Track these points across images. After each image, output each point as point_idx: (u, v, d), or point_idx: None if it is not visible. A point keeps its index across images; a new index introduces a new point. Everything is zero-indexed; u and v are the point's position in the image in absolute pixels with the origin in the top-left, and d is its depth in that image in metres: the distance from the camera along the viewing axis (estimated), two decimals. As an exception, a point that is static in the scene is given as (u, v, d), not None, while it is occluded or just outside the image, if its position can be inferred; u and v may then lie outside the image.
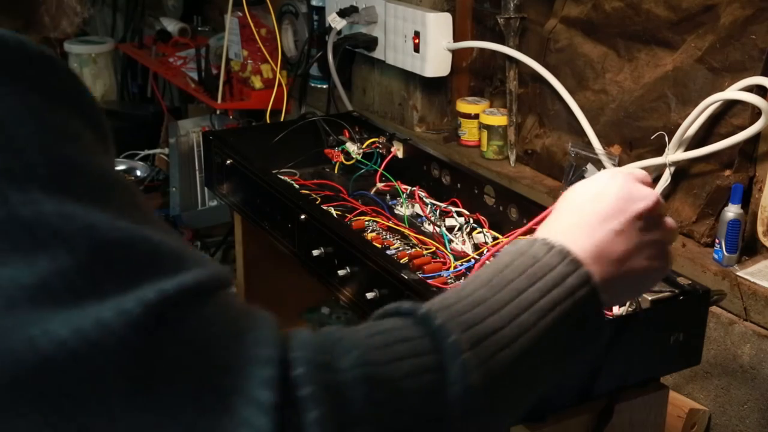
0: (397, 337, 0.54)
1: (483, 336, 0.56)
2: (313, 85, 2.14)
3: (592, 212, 0.68)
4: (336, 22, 1.81)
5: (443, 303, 0.59)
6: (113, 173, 0.49)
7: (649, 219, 0.69)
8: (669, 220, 0.73)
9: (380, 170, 1.43)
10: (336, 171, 1.50)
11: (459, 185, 1.32)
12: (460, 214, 1.27)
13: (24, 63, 0.46)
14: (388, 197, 1.38)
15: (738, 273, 1.18)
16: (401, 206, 1.34)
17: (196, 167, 2.20)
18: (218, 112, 2.25)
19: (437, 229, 1.24)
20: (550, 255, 0.63)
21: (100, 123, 0.50)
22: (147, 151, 2.50)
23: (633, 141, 1.38)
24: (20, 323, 0.42)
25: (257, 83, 2.16)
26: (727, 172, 1.24)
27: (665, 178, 1.29)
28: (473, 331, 0.56)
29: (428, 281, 1.03)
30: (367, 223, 1.27)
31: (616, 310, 0.95)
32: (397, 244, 1.21)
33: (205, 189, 2.09)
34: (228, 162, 1.40)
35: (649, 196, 0.70)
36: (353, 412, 0.48)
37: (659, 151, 1.30)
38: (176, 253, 0.47)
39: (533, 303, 0.60)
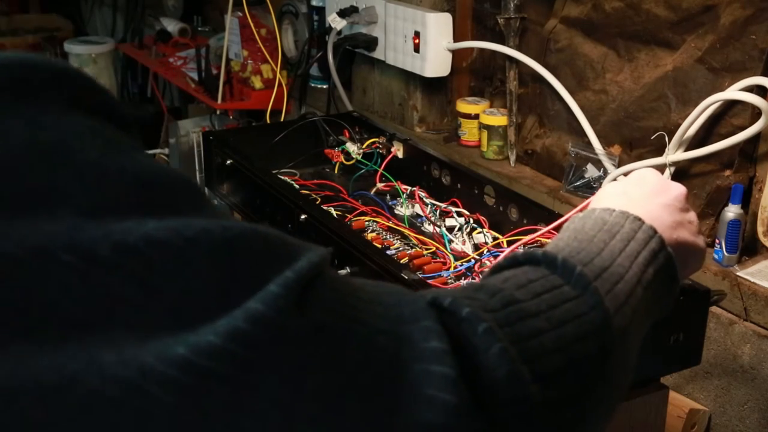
0: (529, 278, 0.56)
1: (598, 271, 0.59)
2: (313, 85, 2.14)
3: (637, 193, 0.74)
4: (336, 22, 1.81)
5: (555, 247, 0.62)
6: (185, 177, 0.46)
7: (685, 202, 0.75)
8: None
9: (380, 170, 1.43)
10: (336, 171, 1.50)
11: (459, 185, 1.32)
12: (460, 214, 1.27)
13: (58, 83, 0.44)
14: (388, 197, 1.38)
15: (738, 273, 1.18)
16: (401, 206, 1.34)
17: (196, 167, 2.20)
18: (218, 112, 2.25)
19: (437, 229, 1.24)
20: (615, 216, 0.67)
21: (134, 125, 0.48)
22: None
23: (633, 141, 1.38)
24: (163, 348, 0.38)
25: (257, 83, 2.16)
26: (727, 172, 1.24)
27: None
28: (589, 267, 0.59)
29: (428, 281, 1.03)
30: (367, 223, 1.27)
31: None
32: (397, 244, 1.21)
33: (205, 189, 2.09)
34: (228, 162, 1.40)
35: (680, 185, 0.77)
36: (523, 343, 0.50)
37: (659, 151, 1.30)
38: (283, 239, 0.45)
39: (621, 250, 0.63)
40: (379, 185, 1.41)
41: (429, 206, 1.30)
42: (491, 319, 0.49)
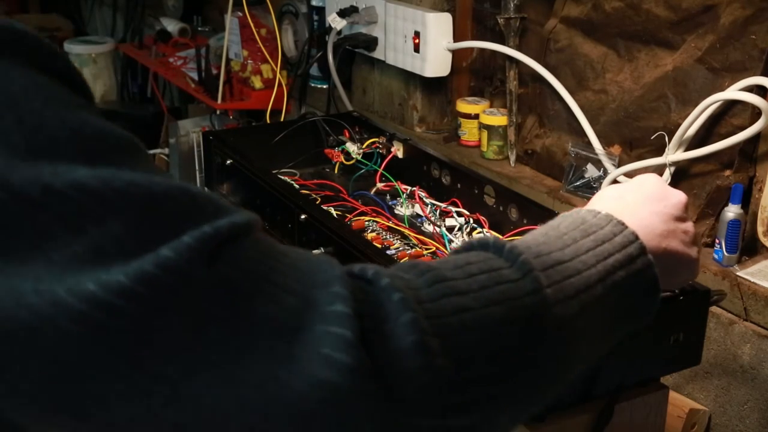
0: (469, 260, 0.57)
1: (551, 263, 0.59)
2: (313, 85, 2.14)
3: (633, 198, 0.73)
4: (336, 22, 1.81)
5: (513, 242, 0.62)
6: (128, 134, 0.49)
7: (681, 211, 0.75)
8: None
9: (380, 170, 1.43)
10: (336, 171, 1.50)
11: (459, 185, 1.32)
12: (460, 214, 1.27)
13: (15, 42, 0.47)
14: (388, 197, 1.38)
15: (738, 273, 1.18)
16: (401, 206, 1.34)
17: (196, 167, 2.20)
18: (218, 112, 2.25)
19: (437, 229, 1.24)
20: (598, 218, 0.67)
21: (88, 91, 0.51)
22: (147, 152, 2.50)
23: (633, 141, 1.38)
24: (76, 283, 0.41)
25: (257, 83, 2.16)
26: (727, 172, 1.24)
27: (665, 178, 1.29)
28: (542, 258, 0.59)
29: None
30: (367, 223, 1.27)
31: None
32: (397, 244, 1.21)
33: (205, 189, 2.09)
34: (228, 162, 1.40)
35: (680, 193, 0.77)
36: (442, 318, 0.50)
37: (659, 151, 1.30)
38: (214, 200, 0.48)
39: (590, 249, 0.63)
40: (379, 185, 1.41)
41: (429, 206, 1.30)
42: (411, 294, 0.50)
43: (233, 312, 0.44)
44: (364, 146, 1.47)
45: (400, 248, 1.19)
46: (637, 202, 0.73)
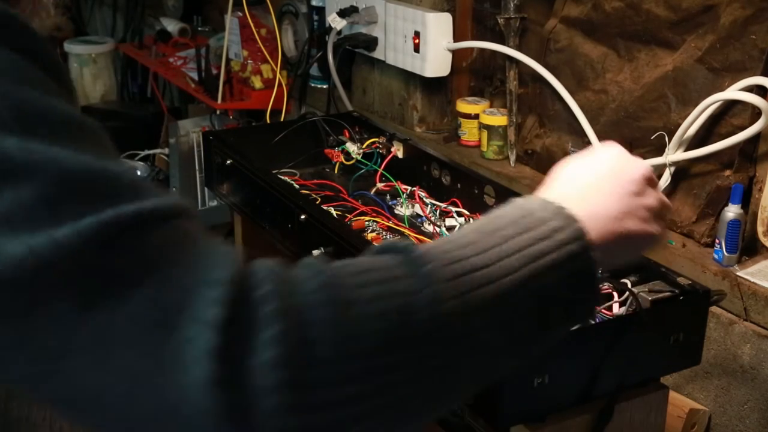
0: (372, 265, 0.55)
1: (464, 271, 0.57)
2: (313, 85, 2.14)
3: (588, 179, 0.70)
4: (336, 22, 1.81)
5: (432, 243, 0.60)
6: (78, 115, 0.50)
7: (641, 185, 0.71)
8: (662, 195, 0.74)
9: (380, 170, 1.43)
10: (336, 171, 1.50)
11: (459, 185, 1.32)
12: (460, 214, 1.27)
13: None
14: (388, 197, 1.38)
15: (738, 273, 1.18)
16: (401, 206, 1.34)
17: (196, 167, 2.20)
18: (218, 112, 2.25)
19: (437, 229, 1.24)
20: (546, 211, 0.64)
21: (60, 72, 0.52)
22: (147, 151, 2.50)
23: (633, 141, 1.38)
24: None
25: (257, 83, 2.16)
26: (727, 172, 1.24)
27: (665, 178, 1.29)
28: (455, 265, 0.57)
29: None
30: (367, 223, 1.27)
31: (617, 309, 0.95)
32: (397, 244, 1.21)
33: (205, 189, 2.09)
34: (228, 162, 1.40)
35: (642, 164, 0.73)
36: (312, 333, 0.49)
37: (659, 151, 1.30)
38: (136, 183, 0.49)
39: (521, 249, 0.60)
40: (379, 185, 1.41)
41: (429, 206, 1.30)
42: (288, 303, 0.49)
43: (113, 302, 0.46)
44: (364, 146, 1.47)
45: (400, 248, 1.19)
46: (591, 183, 0.69)
